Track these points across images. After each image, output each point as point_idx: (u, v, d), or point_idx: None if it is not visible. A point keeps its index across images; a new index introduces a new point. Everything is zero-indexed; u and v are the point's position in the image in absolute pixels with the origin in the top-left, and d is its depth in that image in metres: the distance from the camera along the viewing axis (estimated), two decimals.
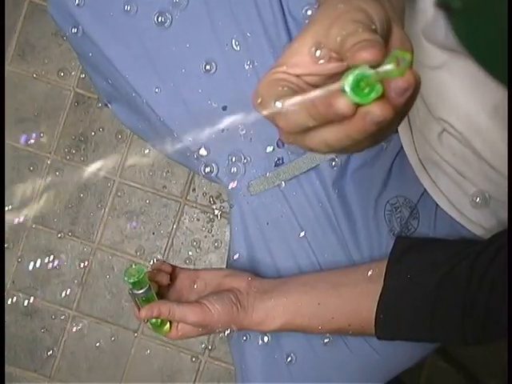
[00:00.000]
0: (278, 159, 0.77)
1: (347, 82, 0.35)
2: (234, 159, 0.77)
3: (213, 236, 1.50)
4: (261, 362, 0.81)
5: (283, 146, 0.77)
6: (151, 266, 0.72)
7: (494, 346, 1.47)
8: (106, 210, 1.51)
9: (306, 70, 0.41)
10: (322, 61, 0.40)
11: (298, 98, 0.37)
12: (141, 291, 0.65)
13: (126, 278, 0.64)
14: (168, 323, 0.69)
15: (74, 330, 1.51)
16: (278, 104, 0.38)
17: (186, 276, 0.74)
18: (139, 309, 0.67)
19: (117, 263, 1.51)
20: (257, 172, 0.77)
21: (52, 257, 1.50)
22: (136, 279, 0.64)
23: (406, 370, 0.83)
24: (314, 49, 0.40)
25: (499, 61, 0.30)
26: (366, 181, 0.76)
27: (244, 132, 0.76)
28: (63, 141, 1.52)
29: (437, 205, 0.75)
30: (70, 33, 0.79)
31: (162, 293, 0.71)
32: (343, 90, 0.36)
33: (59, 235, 1.51)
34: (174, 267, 0.74)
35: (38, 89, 1.52)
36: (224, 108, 0.76)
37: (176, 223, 1.51)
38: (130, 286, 0.65)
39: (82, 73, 1.52)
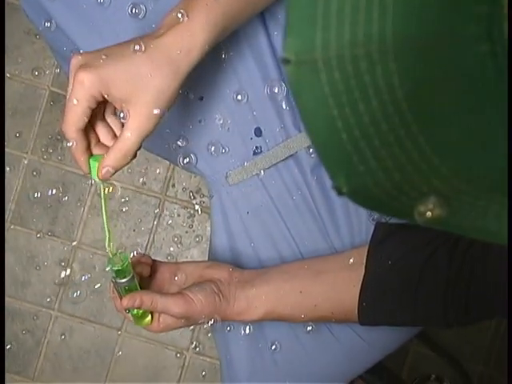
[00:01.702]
0: (257, 148, 0.77)
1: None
2: (212, 149, 0.77)
3: (194, 231, 1.50)
4: (245, 351, 0.81)
5: (261, 135, 0.77)
6: (131, 258, 0.72)
7: (478, 333, 1.49)
8: (86, 208, 1.50)
9: None
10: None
11: None
12: (124, 280, 0.64)
13: (109, 266, 0.63)
14: (149, 315, 0.69)
15: (57, 330, 1.50)
16: None
17: (166, 269, 0.73)
18: (121, 299, 0.66)
19: (98, 262, 1.50)
20: (235, 162, 0.77)
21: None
22: (120, 267, 0.63)
23: (390, 357, 0.84)
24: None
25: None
26: None
27: (221, 122, 0.76)
28: (40, 140, 1.50)
29: None
30: (43, 27, 0.78)
31: (143, 286, 0.71)
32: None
33: (38, 235, 1.49)
34: (153, 261, 0.74)
35: (13, 88, 1.51)
36: (201, 98, 0.76)
37: (156, 219, 1.50)
38: (114, 275, 0.64)
39: (56, 71, 1.51)
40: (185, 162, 0.78)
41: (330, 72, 0.26)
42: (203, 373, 1.50)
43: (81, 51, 0.75)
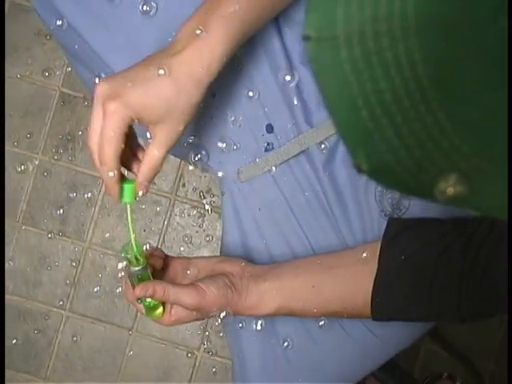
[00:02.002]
0: (268, 144, 0.77)
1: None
2: (223, 146, 0.77)
3: (204, 231, 1.50)
4: (257, 348, 0.81)
5: (272, 131, 0.77)
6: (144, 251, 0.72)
7: (490, 331, 1.49)
8: (96, 208, 1.51)
9: None
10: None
11: None
12: (137, 268, 0.64)
13: (123, 254, 0.64)
14: (161, 307, 0.68)
15: (68, 330, 1.51)
16: None
17: (178, 263, 0.73)
18: (134, 288, 0.66)
19: (109, 262, 1.51)
20: (247, 158, 0.78)
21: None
22: (134, 254, 0.63)
23: (401, 355, 0.83)
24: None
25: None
26: None
27: (233, 118, 0.76)
28: (50, 141, 1.51)
29: None
30: (54, 26, 0.79)
31: (156, 279, 0.71)
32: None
33: (49, 235, 1.50)
34: (166, 255, 0.74)
35: (23, 90, 1.52)
36: (213, 95, 0.76)
37: (167, 219, 1.50)
38: (127, 263, 0.64)
39: (67, 72, 1.51)
40: (196, 158, 0.78)
41: (351, 49, 0.26)
42: (214, 373, 1.50)
43: (102, 76, 0.76)
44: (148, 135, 0.62)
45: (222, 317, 0.68)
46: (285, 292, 0.71)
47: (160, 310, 0.68)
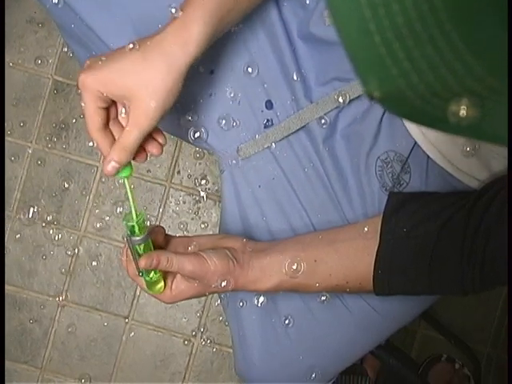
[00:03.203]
0: (268, 121, 0.77)
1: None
2: (223, 123, 0.76)
3: (200, 218, 1.50)
4: (258, 326, 0.81)
5: (272, 107, 0.77)
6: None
7: (486, 315, 1.49)
8: (91, 197, 1.50)
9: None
10: None
11: None
12: (138, 238, 0.64)
13: (124, 222, 0.64)
14: (162, 282, 0.68)
15: (64, 319, 1.50)
16: None
17: (179, 241, 0.73)
18: (135, 262, 0.66)
19: (104, 250, 1.50)
20: (246, 135, 0.77)
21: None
22: (136, 222, 0.63)
23: (398, 340, 0.83)
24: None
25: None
26: (356, 137, 0.76)
27: (232, 95, 0.76)
28: (44, 129, 1.50)
29: (428, 157, 0.76)
30: (50, 4, 0.78)
31: None
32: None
33: (44, 224, 1.49)
34: (166, 234, 0.74)
35: (16, 78, 1.50)
36: (211, 72, 0.76)
37: (162, 207, 1.50)
38: (129, 232, 0.64)
39: (60, 60, 1.50)
40: (195, 136, 0.77)
41: None
42: (211, 360, 1.50)
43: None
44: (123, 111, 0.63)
45: (223, 286, 0.67)
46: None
47: (161, 284, 0.68)
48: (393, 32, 0.26)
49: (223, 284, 0.67)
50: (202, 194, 1.50)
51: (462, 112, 0.26)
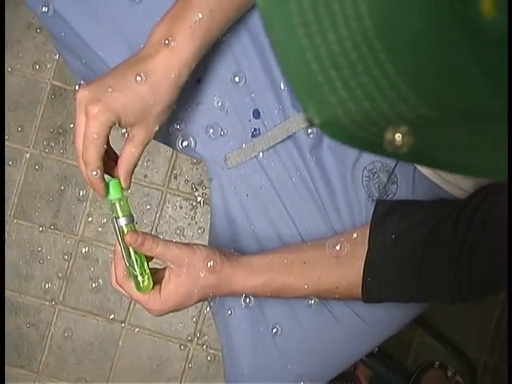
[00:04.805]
0: (255, 130, 0.77)
1: None
2: (210, 132, 0.77)
3: (196, 223, 1.50)
4: (246, 335, 0.81)
5: (259, 116, 0.77)
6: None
7: (482, 322, 1.49)
8: (88, 202, 1.51)
9: None
10: None
11: None
12: (123, 219, 0.67)
13: (108, 202, 0.68)
14: (150, 280, 0.68)
15: (60, 324, 1.50)
16: None
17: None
18: (123, 250, 0.67)
19: (101, 255, 1.51)
20: (234, 144, 0.77)
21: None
22: (118, 199, 0.67)
23: (394, 347, 0.83)
24: None
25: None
26: (342, 147, 0.76)
27: (220, 104, 0.76)
28: (42, 134, 1.51)
29: (415, 168, 0.75)
30: (40, 12, 0.78)
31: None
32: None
33: (41, 229, 1.49)
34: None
35: (14, 83, 1.51)
36: (198, 81, 0.76)
37: (159, 212, 1.50)
38: (114, 215, 0.67)
39: (58, 65, 1.51)
40: (184, 145, 0.78)
41: (300, 1, 0.26)
42: (207, 365, 1.50)
43: (82, 83, 0.78)
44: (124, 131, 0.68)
45: (209, 266, 0.67)
46: (276, 265, 0.71)
47: (150, 281, 0.68)
48: (329, 60, 0.27)
49: (209, 264, 0.67)
50: (199, 199, 1.50)
51: (398, 140, 0.27)
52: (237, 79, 0.75)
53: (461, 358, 1.44)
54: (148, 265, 0.69)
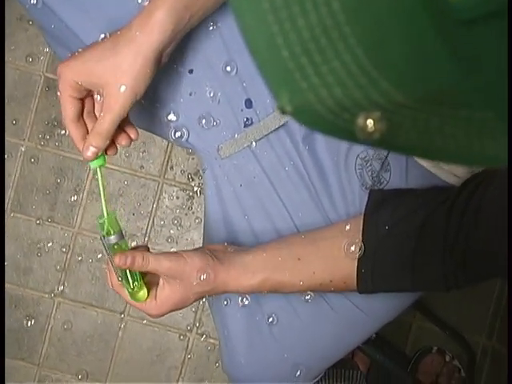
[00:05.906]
0: (247, 119, 0.76)
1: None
2: (203, 122, 0.76)
3: (193, 213, 1.50)
4: (243, 325, 0.81)
5: (251, 106, 0.76)
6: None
7: (481, 306, 1.49)
8: (85, 194, 1.50)
9: None
10: None
11: None
12: (113, 237, 0.65)
13: (98, 220, 0.66)
14: (145, 289, 0.68)
15: (60, 316, 1.51)
16: None
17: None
18: (113, 265, 0.65)
19: (99, 247, 1.51)
20: (226, 134, 0.77)
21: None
22: (106, 219, 0.65)
23: (393, 332, 0.83)
24: None
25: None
26: None
27: (212, 94, 0.76)
28: (36, 127, 1.50)
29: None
30: (29, 4, 0.78)
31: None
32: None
33: (38, 222, 1.49)
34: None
35: (7, 76, 1.50)
36: (190, 71, 0.76)
37: (156, 203, 1.50)
38: (103, 233, 0.65)
39: (51, 57, 1.50)
40: (176, 136, 0.77)
41: None
42: (207, 354, 1.51)
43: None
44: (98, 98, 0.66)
45: (202, 279, 0.66)
46: (270, 263, 0.70)
47: (144, 291, 0.67)
48: (300, 46, 0.26)
49: (203, 277, 0.66)
50: (196, 189, 1.50)
51: (370, 126, 0.26)
52: (228, 69, 0.75)
53: (459, 342, 1.44)
54: (141, 275, 0.67)
